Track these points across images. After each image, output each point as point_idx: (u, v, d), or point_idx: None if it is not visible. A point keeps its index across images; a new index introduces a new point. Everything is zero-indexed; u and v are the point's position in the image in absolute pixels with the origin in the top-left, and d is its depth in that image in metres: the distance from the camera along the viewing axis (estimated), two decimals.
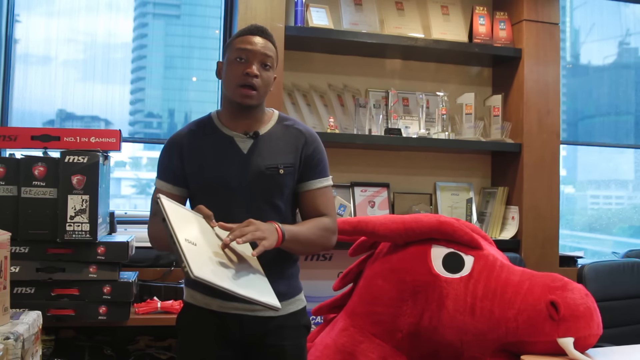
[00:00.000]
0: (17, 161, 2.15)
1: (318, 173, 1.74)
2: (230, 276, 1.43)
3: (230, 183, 1.67)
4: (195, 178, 1.71)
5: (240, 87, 1.64)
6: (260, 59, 1.65)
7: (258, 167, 1.68)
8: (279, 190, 1.70)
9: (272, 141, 1.71)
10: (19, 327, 1.53)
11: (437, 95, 3.03)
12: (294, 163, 1.71)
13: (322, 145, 1.78)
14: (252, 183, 1.67)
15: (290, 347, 1.71)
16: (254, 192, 1.67)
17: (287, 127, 1.75)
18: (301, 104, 2.94)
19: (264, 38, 1.67)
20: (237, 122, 1.71)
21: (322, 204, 1.73)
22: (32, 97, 2.94)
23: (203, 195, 1.71)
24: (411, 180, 3.14)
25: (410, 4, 3.09)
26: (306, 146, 1.73)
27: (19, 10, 2.93)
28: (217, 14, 3.11)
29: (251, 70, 1.63)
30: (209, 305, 1.69)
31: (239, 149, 1.69)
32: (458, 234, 2.08)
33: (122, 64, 3.07)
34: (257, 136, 1.70)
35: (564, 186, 3.79)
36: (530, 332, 1.84)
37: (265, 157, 1.69)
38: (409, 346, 2.05)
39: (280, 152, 1.70)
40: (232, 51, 1.68)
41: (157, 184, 1.75)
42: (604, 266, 2.73)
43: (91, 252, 2.18)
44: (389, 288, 2.09)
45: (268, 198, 1.69)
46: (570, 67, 3.83)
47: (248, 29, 1.69)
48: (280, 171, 1.68)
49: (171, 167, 1.72)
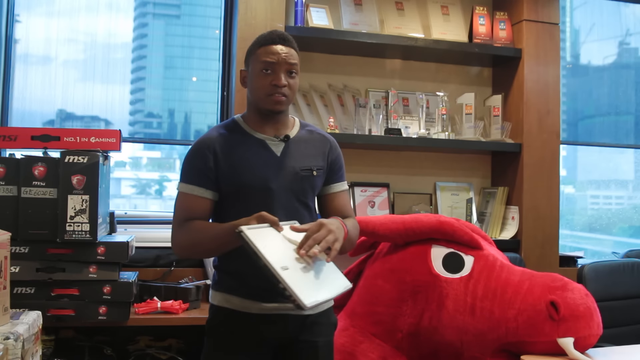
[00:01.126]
0: (17, 161, 2.15)
1: (340, 177, 1.85)
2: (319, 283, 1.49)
3: (267, 185, 1.69)
4: (229, 181, 1.69)
5: (270, 96, 1.68)
6: (285, 67, 1.68)
7: (293, 168, 1.72)
8: (312, 191, 1.77)
9: (302, 144, 1.77)
10: (18, 327, 1.53)
11: (437, 95, 3.03)
12: (323, 166, 1.78)
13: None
14: (289, 184, 1.71)
15: (322, 343, 1.74)
16: (290, 193, 1.71)
17: (311, 132, 1.83)
18: (301, 104, 2.94)
19: (287, 45, 1.70)
20: (266, 126, 1.75)
21: (345, 205, 1.84)
22: (32, 97, 2.94)
23: (236, 198, 1.70)
24: (411, 180, 3.14)
25: (410, 4, 3.09)
26: (331, 151, 1.82)
27: (19, 10, 2.93)
28: (217, 14, 3.11)
29: (279, 82, 1.66)
30: (249, 309, 1.69)
31: (273, 152, 1.73)
32: (458, 234, 2.08)
33: (122, 64, 3.07)
34: (288, 139, 1.75)
35: (564, 186, 3.79)
36: (530, 332, 1.84)
37: (298, 159, 1.74)
38: (409, 346, 2.05)
39: (311, 155, 1.77)
40: (256, 62, 1.69)
41: (185, 188, 1.70)
42: (604, 266, 2.73)
43: (91, 252, 2.18)
44: (389, 288, 2.09)
45: (302, 198, 1.74)
46: (570, 67, 3.83)
47: (270, 37, 1.70)
48: (314, 173, 1.75)
49: (203, 169, 1.69)
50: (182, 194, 1.70)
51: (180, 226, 1.68)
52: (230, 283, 1.71)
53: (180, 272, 2.67)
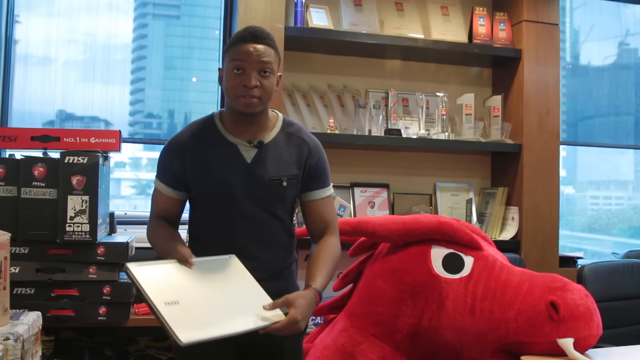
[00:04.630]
0: (17, 162, 2.15)
1: (322, 183, 1.76)
2: (221, 316, 1.41)
3: (234, 192, 1.66)
4: (197, 184, 1.69)
5: (240, 97, 1.61)
6: (257, 67, 1.60)
7: (261, 178, 1.66)
8: (281, 202, 1.70)
9: (276, 150, 1.69)
10: (18, 327, 1.53)
11: (437, 96, 3.03)
12: (297, 174, 1.70)
13: (325, 154, 1.79)
14: (255, 193, 1.66)
15: (288, 347, 1.72)
16: (256, 203, 1.67)
17: (291, 135, 1.73)
18: (301, 104, 2.94)
19: (260, 43, 1.60)
20: (241, 129, 1.68)
21: (326, 212, 1.76)
22: (32, 98, 2.94)
23: (204, 202, 1.70)
24: (411, 181, 3.14)
25: (410, 5, 3.09)
26: (310, 157, 1.72)
27: (19, 11, 2.93)
28: (217, 14, 3.11)
29: (249, 83, 1.58)
30: None
31: (243, 158, 1.67)
32: (458, 235, 2.07)
33: (122, 65, 3.07)
34: (261, 145, 1.68)
35: (564, 187, 3.79)
36: (530, 333, 1.84)
37: (269, 168, 1.67)
38: (408, 347, 2.05)
39: (284, 162, 1.69)
40: (229, 61, 1.63)
41: (157, 184, 1.74)
42: (603, 267, 2.73)
43: (91, 253, 2.17)
44: (388, 289, 2.09)
45: (270, 209, 1.69)
46: (570, 67, 3.83)
47: (242, 35, 1.62)
48: (283, 183, 1.68)
49: (172, 170, 1.70)
50: (155, 189, 1.75)
51: (151, 220, 1.74)
52: None
53: None
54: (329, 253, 1.70)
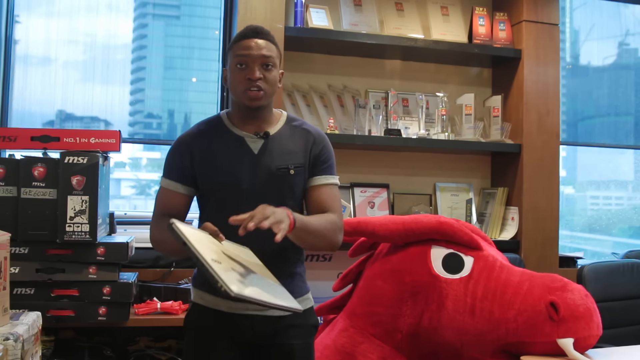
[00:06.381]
0: (17, 162, 2.15)
1: (324, 170, 1.75)
2: (258, 288, 1.43)
3: (242, 184, 1.67)
4: (205, 178, 1.70)
5: (246, 91, 1.65)
6: (260, 61, 1.65)
7: (269, 167, 1.68)
8: (290, 191, 1.71)
9: (282, 141, 1.72)
10: (18, 327, 1.53)
11: (436, 96, 3.03)
12: (303, 163, 1.72)
13: (331, 146, 1.79)
14: (263, 184, 1.68)
15: (299, 346, 1.71)
16: (265, 193, 1.66)
17: (295, 127, 1.76)
18: (301, 104, 2.94)
19: (261, 38, 1.66)
20: (247, 123, 1.72)
21: (327, 199, 1.72)
22: (32, 98, 2.94)
23: (213, 195, 1.71)
24: (411, 181, 3.14)
25: (409, 5, 3.09)
26: (315, 145, 1.74)
27: (18, 11, 2.93)
28: (217, 14, 3.11)
29: (253, 75, 1.63)
30: (218, 306, 1.69)
31: (250, 149, 1.70)
32: (458, 235, 2.08)
33: (121, 65, 3.07)
34: (267, 136, 1.71)
35: (564, 187, 3.79)
36: (530, 333, 1.84)
37: (276, 157, 1.70)
38: (408, 347, 2.05)
39: (290, 152, 1.71)
40: (232, 58, 1.68)
41: (164, 183, 1.74)
42: (603, 267, 2.73)
43: (91, 253, 2.17)
44: (388, 289, 2.09)
45: (279, 198, 1.67)
46: (570, 67, 3.83)
47: (243, 32, 1.68)
48: (290, 172, 1.69)
49: (180, 166, 1.71)
50: (161, 188, 1.74)
51: (156, 221, 1.71)
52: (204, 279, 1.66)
53: (180, 273, 2.66)
54: (322, 215, 1.69)
